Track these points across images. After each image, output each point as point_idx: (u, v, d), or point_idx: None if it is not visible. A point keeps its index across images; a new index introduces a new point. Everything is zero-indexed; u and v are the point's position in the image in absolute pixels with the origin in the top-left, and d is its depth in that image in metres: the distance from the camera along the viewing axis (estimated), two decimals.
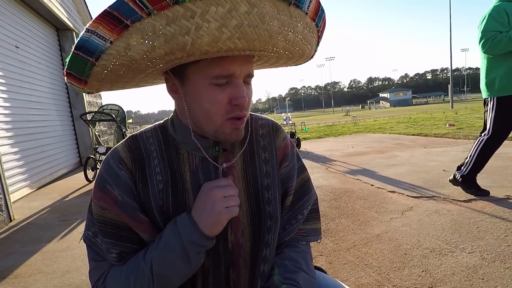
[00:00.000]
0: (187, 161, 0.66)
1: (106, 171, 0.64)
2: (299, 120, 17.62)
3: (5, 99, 4.31)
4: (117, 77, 0.55)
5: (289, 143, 0.77)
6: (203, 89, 0.57)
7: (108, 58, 0.50)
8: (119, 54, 0.49)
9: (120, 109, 5.50)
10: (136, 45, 0.47)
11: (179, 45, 0.47)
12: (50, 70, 6.04)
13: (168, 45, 0.47)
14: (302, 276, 0.68)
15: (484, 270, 1.64)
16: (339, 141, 8.13)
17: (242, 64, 0.57)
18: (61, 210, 3.52)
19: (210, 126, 0.60)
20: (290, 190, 0.74)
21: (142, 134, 0.69)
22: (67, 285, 1.88)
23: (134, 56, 0.49)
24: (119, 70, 0.52)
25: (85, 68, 0.52)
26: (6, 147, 4.14)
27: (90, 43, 0.48)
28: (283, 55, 0.61)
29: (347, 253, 1.99)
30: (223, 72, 0.56)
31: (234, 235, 0.68)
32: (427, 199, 2.87)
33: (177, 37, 0.46)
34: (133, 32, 0.46)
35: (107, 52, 0.49)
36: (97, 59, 0.50)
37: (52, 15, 5.78)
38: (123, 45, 0.48)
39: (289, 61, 0.67)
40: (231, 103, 0.58)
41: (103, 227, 0.64)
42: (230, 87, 0.57)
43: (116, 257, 0.64)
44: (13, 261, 2.26)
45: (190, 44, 0.46)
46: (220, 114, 0.58)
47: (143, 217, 0.63)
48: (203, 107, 0.59)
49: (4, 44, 4.39)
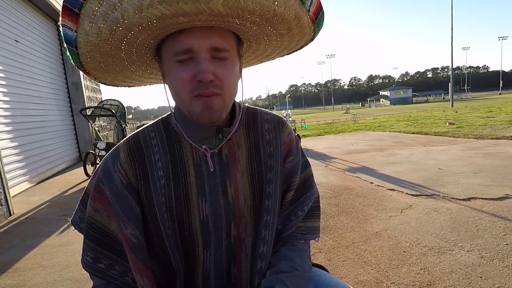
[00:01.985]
0: (190, 154, 0.66)
1: (102, 170, 0.65)
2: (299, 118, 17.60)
3: (5, 93, 4.29)
4: (103, 64, 0.59)
5: (294, 138, 0.76)
6: (170, 68, 0.57)
7: (80, 46, 0.54)
8: (84, 41, 0.53)
9: (120, 105, 5.49)
10: (89, 30, 0.51)
11: (114, 22, 0.48)
12: (50, 64, 6.01)
13: (107, 23, 0.49)
14: (294, 276, 0.66)
15: (483, 269, 1.65)
16: (339, 139, 8.14)
17: (200, 37, 0.54)
18: (61, 205, 3.52)
19: (183, 106, 0.60)
20: (293, 185, 0.73)
21: (144, 129, 0.69)
22: (66, 279, 1.88)
23: (93, 41, 0.52)
24: (96, 56, 0.56)
25: (76, 58, 0.57)
26: (6, 142, 4.13)
27: (66, 35, 0.53)
28: (269, 33, 0.58)
29: (346, 250, 1.99)
30: (179, 47, 0.54)
31: (237, 229, 0.68)
32: (427, 197, 2.87)
33: (110, 15, 0.48)
34: (83, 18, 0.50)
35: (78, 41, 0.53)
36: (76, 48, 0.55)
37: (51, 9, 5.74)
38: (83, 32, 0.51)
39: (283, 42, 0.64)
40: (195, 79, 0.55)
41: (88, 228, 0.65)
42: (194, 63, 0.55)
43: (90, 262, 0.64)
44: (13, 255, 2.27)
45: (121, 18, 0.47)
46: (186, 92, 0.56)
47: (125, 229, 0.62)
48: (173, 86, 0.59)
49: (3, 38, 4.36)
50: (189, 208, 0.64)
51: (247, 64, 0.77)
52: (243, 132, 0.70)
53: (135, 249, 0.62)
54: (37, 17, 5.65)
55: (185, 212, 0.64)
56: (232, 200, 0.66)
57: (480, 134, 6.65)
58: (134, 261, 0.62)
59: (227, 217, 0.66)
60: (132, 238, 0.62)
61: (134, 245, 0.62)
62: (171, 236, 0.64)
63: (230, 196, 0.66)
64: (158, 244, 0.65)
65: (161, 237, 0.64)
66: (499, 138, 5.93)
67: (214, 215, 0.65)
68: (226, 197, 0.66)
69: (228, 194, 0.66)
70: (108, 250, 0.65)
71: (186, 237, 0.66)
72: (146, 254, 0.63)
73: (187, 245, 0.66)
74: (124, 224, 0.62)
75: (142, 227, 0.63)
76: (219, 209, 0.65)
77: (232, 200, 0.66)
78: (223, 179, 0.66)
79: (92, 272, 0.65)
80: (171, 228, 0.64)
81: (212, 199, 0.65)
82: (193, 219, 0.65)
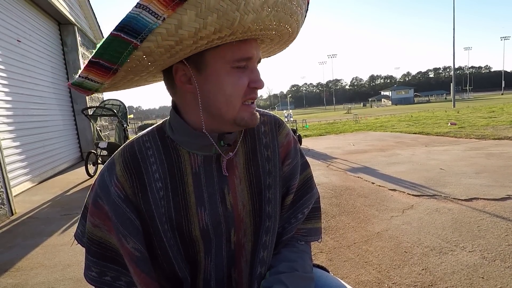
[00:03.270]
0: (188, 163, 0.64)
1: (99, 184, 0.64)
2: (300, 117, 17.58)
3: (7, 93, 4.31)
4: (144, 67, 0.51)
5: (292, 139, 0.75)
6: (225, 74, 0.56)
7: (154, 39, 0.44)
8: (169, 34, 0.44)
9: (122, 104, 5.50)
10: (189, 22, 0.44)
11: (229, 21, 0.45)
12: (52, 65, 6.03)
13: (219, 21, 0.45)
14: (294, 276, 0.65)
15: (484, 269, 1.64)
16: (340, 139, 8.12)
17: (257, 48, 0.58)
18: (62, 205, 3.53)
19: (230, 112, 0.59)
20: (292, 188, 0.72)
21: (139, 139, 0.66)
22: (68, 278, 1.89)
23: (183, 35, 0.45)
24: (158, 53, 0.48)
25: (124, 52, 0.45)
26: (8, 141, 4.15)
27: (138, 21, 0.43)
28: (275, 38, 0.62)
29: (347, 250, 1.99)
30: (244, 54, 0.56)
31: (237, 235, 0.67)
32: (428, 197, 2.86)
33: (228, 13, 0.44)
34: (187, 7, 0.42)
35: (156, 32, 0.44)
36: (142, 40, 0.44)
37: (53, 9, 5.76)
38: (175, 22, 0.43)
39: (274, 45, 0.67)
40: (249, 86, 0.58)
41: (89, 244, 0.64)
42: (248, 71, 0.58)
43: (96, 276, 0.64)
44: (15, 254, 2.27)
45: (238, 20, 0.46)
46: (240, 98, 0.58)
47: (126, 244, 0.61)
48: (225, 92, 0.57)
49: (6, 38, 4.38)
50: (189, 217, 0.64)
51: None
52: (240, 136, 0.69)
53: (139, 262, 0.61)
54: (40, 18, 5.67)
55: (185, 221, 0.64)
56: (231, 207, 0.66)
57: (482, 134, 6.63)
58: (139, 275, 0.61)
59: (227, 224, 0.66)
60: (135, 252, 0.61)
61: (137, 259, 0.61)
62: (173, 246, 0.64)
63: (229, 203, 0.66)
64: (161, 256, 0.65)
65: (165, 249, 0.64)
66: (501, 139, 5.91)
67: (214, 222, 0.65)
68: (224, 205, 0.65)
69: (226, 201, 0.66)
70: (112, 263, 0.65)
71: (188, 243, 0.65)
72: (150, 266, 0.63)
73: (188, 251, 0.66)
74: (126, 238, 0.60)
75: (143, 240, 0.62)
76: (218, 217, 0.65)
77: (231, 207, 0.66)
78: (221, 186, 0.65)
79: (99, 286, 0.65)
80: (172, 237, 0.63)
81: (211, 207, 0.64)
82: (193, 228, 0.64)
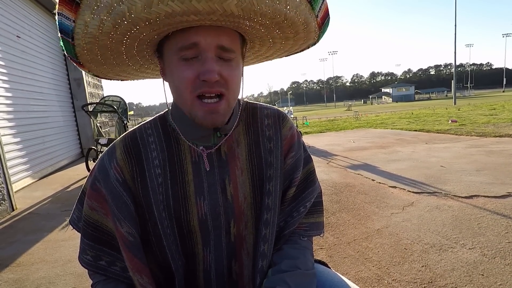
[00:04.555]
0: (188, 152, 0.65)
1: (99, 167, 0.65)
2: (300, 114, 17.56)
3: (7, 89, 4.29)
4: (100, 57, 0.56)
5: (295, 132, 0.75)
6: (173, 65, 0.56)
7: (78, 37, 0.51)
8: (83, 32, 0.50)
9: (122, 101, 5.49)
10: (90, 21, 0.48)
11: (119, 15, 0.46)
12: (51, 61, 6.01)
13: (111, 16, 0.46)
14: (297, 275, 0.65)
15: (484, 266, 1.64)
16: (341, 136, 8.12)
17: (208, 35, 0.53)
18: (63, 201, 3.54)
19: (184, 106, 0.59)
20: (295, 181, 0.72)
21: (141, 126, 0.68)
22: (68, 273, 1.89)
23: (93, 33, 0.50)
24: (93, 49, 0.53)
25: (71, 49, 0.54)
26: (8, 137, 4.15)
27: (63, 25, 0.50)
28: (275, 36, 0.58)
29: (347, 247, 2.00)
30: (184, 42, 0.53)
31: (237, 227, 0.67)
32: (428, 194, 2.87)
33: (115, 7, 0.45)
34: (84, 8, 0.48)
35: (76, 31, 0.50)
36: (73, 39, 0.52)
37: (53, 4, 5.72)
38: (82, 23, 0.49)
39: (287, 45, 0.63)
40: (199, 78, 0.54)
41: (86, 227, 0.64)
42: (198, 63, 0.54)
43: (90, 260, 0.64)
44: (16, 249, 2.28)
45: (127, 12, 0.45)
46: (188, 91, 0.55)
47: (120, 228, 0.61)
48: (174, 84, 0.58)
49: (5, 34, 4.36)
50: (187, 206, 0.64)
51: (246, 64, 0.76)
52: (243, 128, 0.69)
53: (132, 247, 0.61)
54: (39, 13, 5.64)
55: (183, 210, 0.63)
56: (231, 198, 0.66)
57: (482, 132, 6.62)
58: (131, 259, 0.61)
59: (226, 215, 0.66)
60: (129, 236, 0.61)
61: (130, 244, 0.61)
62: (169, 235, 0.63)
63: (229, 194, 0.66)
64: (156, 243, 0.65)
65: (159, 237, 0.64)
66: (502, 136, 5.90)
67: (213, 213, 0.64)
68: (225, 195, 0.65)
69: (227, 192, 0.65)
70: (107, 247, 0.65)
71: (185, 235, 0.65)
72: (142, 252, 0.63)
73: (186, 243, 0.66)
74: (120, 222, 0.61)
75: (138, 225, 0.63)
76: (218, 207, 0.65)
77: (231, 198, 0.66)
78: (222, 176, 0.65)
79: (93, 270, 0.65)
80: (169, 227, 0.63)
81: (211, 197, 0.64)
82: (192, 217, 0.64)
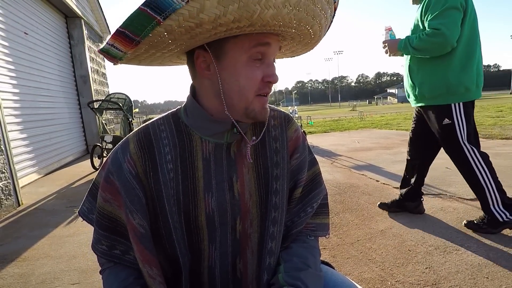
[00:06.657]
0: (199, 148, 0.66)
1: (112, 160, 0.66)
2: (305, 114, 17.52)
3: (14, 85, 4.34)
4: (165, 44, 0.53)
5: (300, 134, 0.77)
6: (241, 65, 0.58)
7: (176, 19, 0.47)
8: (190, 16, 0.47)
9: (127, 98, 5.52)
10: (210, 8, 0.46)
11: (248, 13, 0.48)
12: (58, 58, 6.05)
13: (239, 11, 0.47)
14: (310, 274, 0.66)
15: (489, 269, 1.63)
16: (345, 136, 8.08)
17: (275, 41, 0.60)
18: (68, 197, 3.57)
19: (242, 102, 0.61)
20: (300, 182, 0.74)
21: (154, 122, 0.69)
22: (73, 269, 1.91)
23: (203, 19, 0.47)
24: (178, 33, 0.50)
25: (147, 27, 0.48)
26: (15, 133, 4.19)
27: (164, 0, 0.45)
28: (296, 38, 0.63)
29: (350, 247, 1.99)
30: (261, 40, 0.57)
31: (242, 225, 0.68)
32: (433, 196, 2.85)
33: (249, 5, 0.47)
34: None
35: (179, 12, 0.46)
36: (165, 18, 0.47)
37: (61, 2, 5.76)
38: (197, 6, 0.46)
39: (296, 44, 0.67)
40: (263, 80, 0.60)
41: (100, 218, 0.66)
42: (264, 65, 0.60)
43: (106, 249, 0.66)
44: (21, 244, 2.31)
45: (258, 13, 0.48)
46: (253, 90, 0.60)
47: (132, 220, 0.63)
48: (239, 83, 0.59)
49: (13, 31, 4.40)
50: (196, 201, 0.65)
51: None
52: (250, 128, 0.71)
53: (142, 239, 0.63)
54: (47, 10, 5.68)
55: (192, 205, 0.65)
56: (238, 195, 0.67)
57: (489, 133, 6.55)
58: (142, 251, 0.62)
59: (233, 212, 0.67)
60: (140, 228, 0.62)
61: (141, 235, 0.63)
62: (178, 229, 0.65)
63: (236, 191, 0.67)
64: (165, 236, 0.66)
65: (169, 230, 0.65)
66: (508, 138, 5.83)
67: (220, 209, 0.66)
68: (232, 192, 0.66)
69: (234, 189, 0.67)
70: (122, 237, 0.66)
71: (192, 230, 0.66)
72: (152, 244, 0.64)
73: (192, 238, 0.67)
74: (132, 214, 0.62)
75: (148, 218, 0.64)
76: (225, 204, 0.66)
77: (238, 195, 0.67)
78: (230, 174, 0.67)
79: (108, 259, 0.67)
80: (178, 221, 0.65)
81: (219, 193, 0.66)
82: (199, 213, 0.65)
